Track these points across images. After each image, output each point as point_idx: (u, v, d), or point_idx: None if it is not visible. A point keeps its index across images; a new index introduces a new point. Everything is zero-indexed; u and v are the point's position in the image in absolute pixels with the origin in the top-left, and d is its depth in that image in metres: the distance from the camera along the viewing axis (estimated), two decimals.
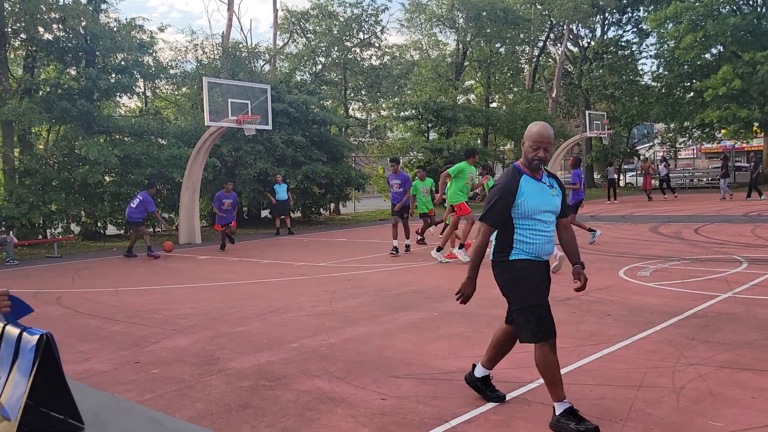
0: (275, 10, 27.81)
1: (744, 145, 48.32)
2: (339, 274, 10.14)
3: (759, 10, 32.39)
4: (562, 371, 4.64)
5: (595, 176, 40.19)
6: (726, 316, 6.09)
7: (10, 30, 17.00)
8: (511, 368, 4.83)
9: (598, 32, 41.57)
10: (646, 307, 6.68)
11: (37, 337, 1.69)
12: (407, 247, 12.60)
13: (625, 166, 40.65)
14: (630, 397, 4.14)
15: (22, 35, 17.39)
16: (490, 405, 4.16)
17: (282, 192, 17.71)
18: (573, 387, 4.37)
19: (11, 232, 15.15)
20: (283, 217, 17.93)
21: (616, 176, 26.62)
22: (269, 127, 16.63)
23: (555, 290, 7.75)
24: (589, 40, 41.99)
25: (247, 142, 19.05)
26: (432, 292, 8.18)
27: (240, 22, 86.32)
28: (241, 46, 23.80)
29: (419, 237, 14.00)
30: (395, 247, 12.23)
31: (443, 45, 32.75)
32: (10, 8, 16.88)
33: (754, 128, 35.17)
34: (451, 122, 28.54)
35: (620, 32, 42.02)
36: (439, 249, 11.13)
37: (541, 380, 4.46)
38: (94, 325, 7.05)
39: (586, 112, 29.43)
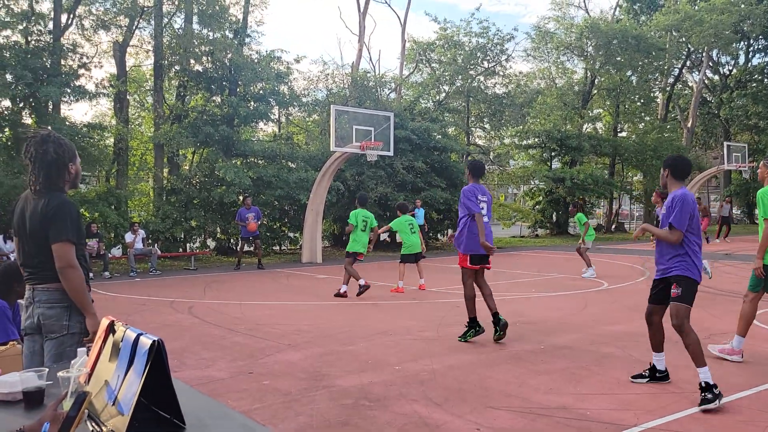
0: (403, 41, 28.71)
1: None
2: (449, 300, 10.24)
3: None
4: (673, 417, 4.49)
5: (735, 212, 37.35)
6: None
7: (166, 62, 18.87)
8: (614, 409, 4.71)
9: (742, 59, 38.96)
10: None
11: (150, 342, 1.86)
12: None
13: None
14: None
15: (176, 67, 19.23)
16: None
17: (420, 216, 18.09)
18: None
19: (156, 245, 16.66)
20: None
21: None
22: (391, 153, 17.14)
23: (670, 331, 7.41)
24: (730, 68, 39.44)
25: (369, 167, 19.71)
26: (541, 324, 8.08)
27: (369, 53, 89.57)
28: (368, 75, 24.73)
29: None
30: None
31: (570, 73, 32.05)
32: (167, 43, 18.76)
33: None
34: (576, 151, 27.79)
35: (767, 59, 39.12)
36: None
37: (645, 425, 4.35)
38: (217, 334, 7.64)
39: (725, 143, 27.55)
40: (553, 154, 28.97)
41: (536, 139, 28.24)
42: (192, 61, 19.09)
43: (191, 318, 8.82)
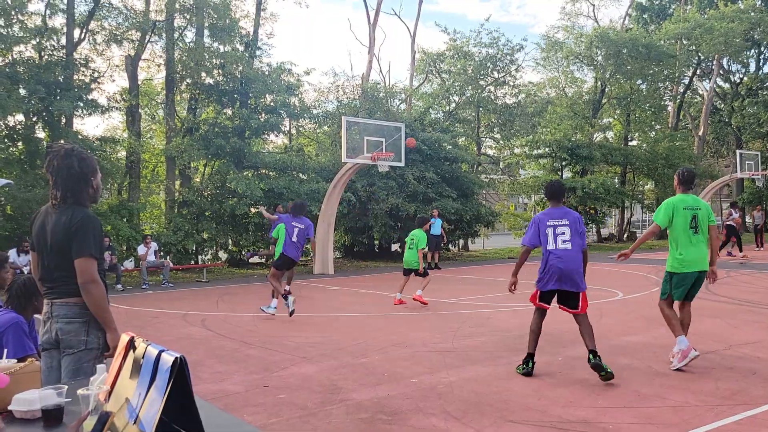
0: (413, 52, 28.78)
1: None
2: (463, 311, 10.17)
3: None
4: (695, 431, 4.39)
5: (747, 220, 37.04)
6: None
7: (178, 75, 19.00)
8: (636, 423, 4.63)
9: (753, 67, 38.74)
10: None
11: (173, 359, 1.82)
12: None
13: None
14: None
15: (187, 80, 19.35)
16: None
17: (437, 227, 18.11)
18: None
19: (168, 257, 16.70)
20: (434, 252, 18.26)
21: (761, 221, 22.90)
22: (402, 164, 17.13)
23: (693, 341, 7.31)
24: (741, 76, 39.23)
25: (380, 178, 19.70)
26: (557, 335, 7.98)
27: (379, 64, 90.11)
28: (379, 86, 24.79)
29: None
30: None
31: (580, 82, 32.01)
32: (179, 56, 18.90)
33: None
34: (587, 160, 27.68)
35: None
36: None
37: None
38: (231, 347, 7.60)
39: (737, 151, 27.37)
40: (563, 163, 28.86)
41: (546, 149, 28.15)
42: (203, 74, 19.21)
43: (204, 331, 8.80)
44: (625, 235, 31.37)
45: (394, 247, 23.03)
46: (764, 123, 36.86)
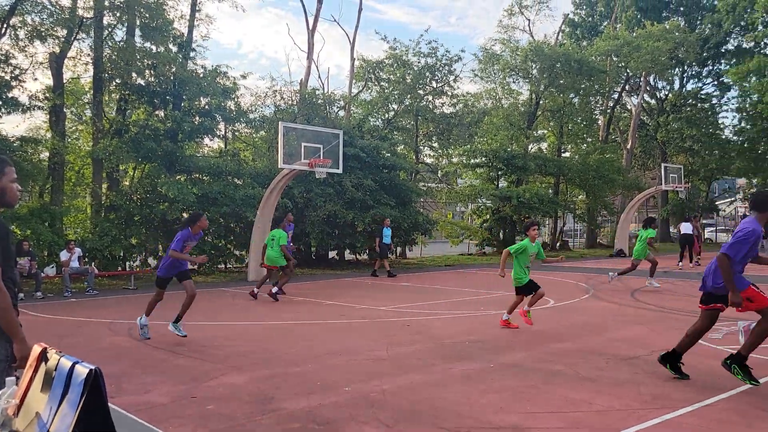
0: (352, 60, 28.78)
1: None
2: (399, 319, 10.16)
3: None
4: None
5: (671, 230, 38.83)
6: None
7: (107, 75, 18.32)
8: (563, 428, 4.70)
9: (677, 84, 40.80)
10: (716, 371, 6.35)
11: (87, 371, 1.76)
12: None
13: (704, 221, 39.10)
14: None
15: (117, 80, 18.68)
16: None
17: (388, 236, 18.21)
18: None
19: (93, 263, 16.03)
20: (383, 259, 18.23)
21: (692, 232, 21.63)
22: (340, 170, 17.06)
23: (618, 347, 7.54)
24: (666, 92, 41.19)
25: (318, 185, 19.56)
26: (490, 342, 8.07)
27: (318, 70, 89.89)
28: (317, 92, 24.65)
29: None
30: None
31: (516, 94, 32.79)
32: (108, 55, 18.23)
33: None
34: (522, 171, 28.35)
35: (700, 85, 41.09)
36: None
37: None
38: (159, 357, 7.33)
39: (662, 164, 28.62)
40: (499, 173, 29.47)
41: (483, 158, 28.69)
42: (134, 75, 18.58)
43: (131, 340, 8.46)
44: (558, 244, 32.25)
45: (332, 254, 22.89)
46: (687, 138, 38.80)
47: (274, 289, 12.72)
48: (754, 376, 5.81)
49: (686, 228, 21.34)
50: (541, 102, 31.25)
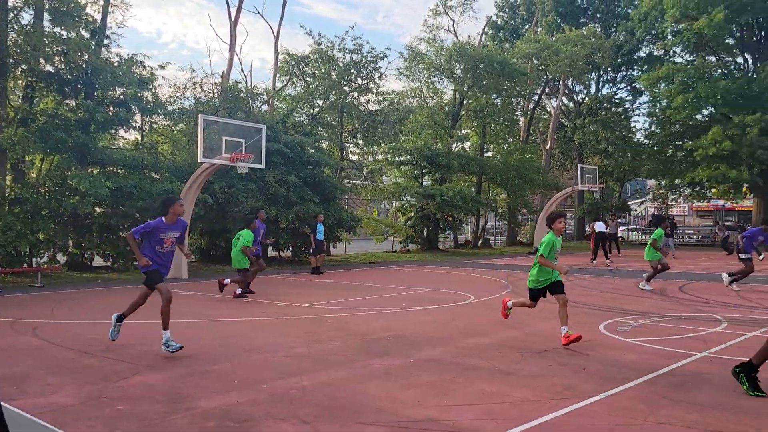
0: (276, 53, 28.35)
1: (734, 205, 48.85)
2: (321, 315, 10.10)
3: (750, 74, 33.17)
4: (532, 423, 4.63)
5: (587, 229, 40.44)
6: (700, 376, 6.08)
7: (12, 60, 17.24)
8: (478, 419, 4.79)
9: (593, 89, 42.53)
10: (622, 362, 6.66)
11: None
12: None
13: (619, 220, 41.00)
14: None
15: (23, 66, 17.62)
16: None
17: (321, 231, 18.02)
18: None
19: None
20: (318, 255, 17.98)
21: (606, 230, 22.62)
22: (262, 166, 16.78)
23: (534, 342, 7.77)
24: (583, 96, 42.89)
25: (239, 180, 19.16)
26: (411, 338, 8.14)
27: (241, 63, 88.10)
28: (240, 86, 24.14)
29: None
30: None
31: (441, 94, 33.28)
32: (13, 40, 17.15)
33: (744, 189, 35.62)
34: (445, 169, 28.80)
35: (614, 90, 43.03)
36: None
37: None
38: (66, 357, 6.97)
39: (579, 165, 29.79)
40: (423, 171, 29.82)
41: (408, 156, 28.95)
42: (42, 61, 17.56)
43: (36, 340, 8.00)
44: (480, 242, 32.99)
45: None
46: (602, 140, 40.56)
47: (238, 290, 12.26)
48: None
49: (600, 227, 22.26)
50: (464, 102, 31.85)
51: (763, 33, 34.64)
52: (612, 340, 7.92)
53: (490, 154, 35.33)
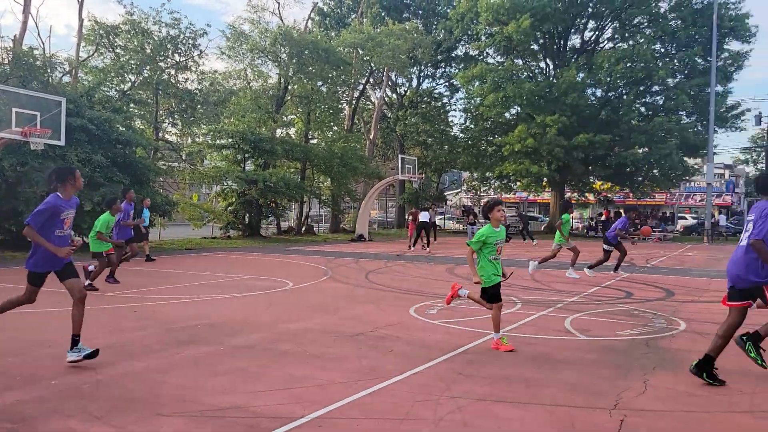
0: (80, 20, 25.81)
1: (536, 197, 54.01)
2: (126, 304, 9.46)
3: (551, 79, 36.68)
4: (336, 405, 4.70)
5: (407, 217, 42.26)
6: (493, 353, 6.59)
7: None
8: (285, 404, 4.76)
9: (415, 82, 44.42)
10: (427, 343, 7.01)
11: None
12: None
13: (438, 210, 43.35)
14: (392, 430, 4.27)
15: None
16: None
17: (147, 217, 16.86)
18: (341, 421, 4.42)
19: None
20: (141, 243, 16.44)
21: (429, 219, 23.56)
22: (62, 142, 15.26)
23: (345, 326, 7.92)
24: (405, 89, 44.64)
25: (35, 158, 17.23)
26: (223, 325, 7.91)
27: (38, 27, 79.56)
28: (35, 52, 21.71)
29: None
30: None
31: (266, 77, 32.64)
32: None
33: (544, 183, 39.47)
34: (269, 154, 28.37)
35: (434, 85, 45.36)
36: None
37: (311, 415, 4.48)
38: None
39: (400, 155, 30.95)
40: (246, 155, 29.12)
41: (230, 140, 28.05)
42: None
43: None
44: (303, 228, 33.05)
45: None
46: (422, 132, 42.57)
47: (110, 279, 11.80)
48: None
49: (424, 216, 23.30)
50: (289, 87, 31.58)
51: (562, 42, 38.47)
52: (420, 322, 8.32)
53: (315, 141, 35.42)
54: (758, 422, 4.59)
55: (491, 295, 6.73)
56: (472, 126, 41.03)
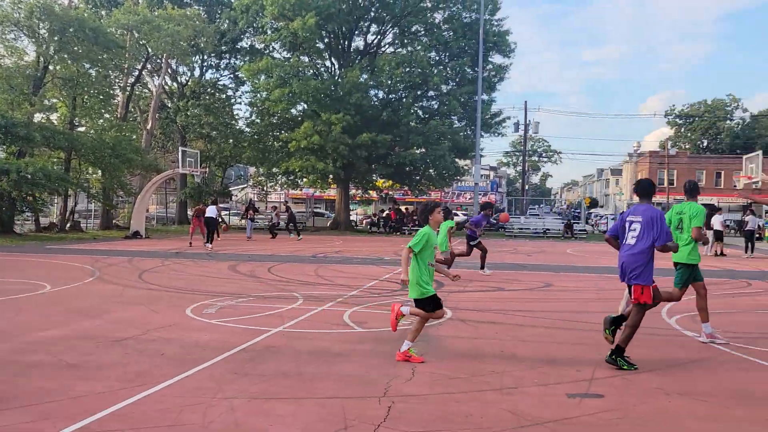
0: None
1: (323, 194, 55.05)
2: None
3: (336, 78, 37.50)
4: (93, 418, 4.24)
5: (189, 213, 40.37)
6: (271, 349, 6.48)
7: None
8: (31, 422, 4.17)
9: (197, 72, 42.52)
10: (202, 343, 6.68)
11: None
12: None
13: (222, 205, 42.02)
14: None
15: None
16: None
17: None
18: None
19: None
20: None
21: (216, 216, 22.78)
22: None
23: (111, 330, 7.26)
24: (187, 79, 42.54)
25: None
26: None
27: None
28: None
29: None
30: None
31: (21, 54, 28.76)
32: None
33: (329, 180, 40.28)
34: (25, 141, 25.11)
35: (218, 76, 43.85)
36: None
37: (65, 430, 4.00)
38: None
39: (180, 148, 29.41)
40: None
41: None
42: None
43: None
44: (68, 225, 29.88)
45: None
46: (205, 125, 40.87)
47: None
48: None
49: (212, 211, 22.21)
50: (50, 67, 28.27)
51: (346, 42, 39.55)
52: (197, 323, 7.92)
53: (83, 129, 32.13)
54: (504, 396, 5.06)
55: (435, 304, 6.24)
56: (259, 120, 40.45)
